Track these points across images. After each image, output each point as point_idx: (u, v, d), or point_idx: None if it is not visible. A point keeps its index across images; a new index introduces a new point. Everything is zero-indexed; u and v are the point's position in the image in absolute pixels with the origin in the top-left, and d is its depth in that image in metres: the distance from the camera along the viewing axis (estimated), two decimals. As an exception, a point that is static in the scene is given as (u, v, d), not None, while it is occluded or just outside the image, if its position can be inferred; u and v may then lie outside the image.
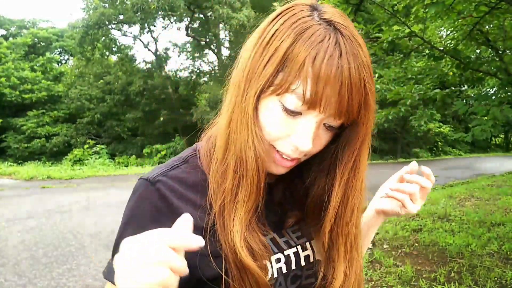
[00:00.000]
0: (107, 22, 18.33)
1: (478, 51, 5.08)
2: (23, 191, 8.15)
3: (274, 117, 0.54)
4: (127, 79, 21.14)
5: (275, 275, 0.60)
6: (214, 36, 20.78)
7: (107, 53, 21.24)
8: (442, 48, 4.45)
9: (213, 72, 22.53)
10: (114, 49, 21.33)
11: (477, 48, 4.83)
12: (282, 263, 0.61)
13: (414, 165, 0.69)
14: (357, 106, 0.52)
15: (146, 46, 21.56)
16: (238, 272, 0.54)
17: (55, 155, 19.97)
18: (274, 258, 0.61)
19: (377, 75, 4.95)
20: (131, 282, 0.37)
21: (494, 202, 6.75)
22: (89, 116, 21.45)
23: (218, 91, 17.38)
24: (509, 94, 3.75)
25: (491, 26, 4.25)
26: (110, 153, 19.27)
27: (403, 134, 20.01)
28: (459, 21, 4.07)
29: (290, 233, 0.65)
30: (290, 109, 0.52)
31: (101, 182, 9.78)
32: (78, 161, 17.07)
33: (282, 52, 0.51)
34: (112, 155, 19.41)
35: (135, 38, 21.29)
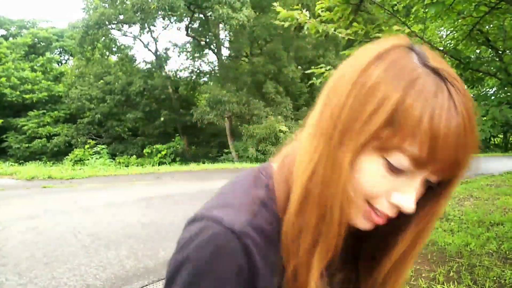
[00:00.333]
0: (107, 22, 18.35)
1: (478, 51, 5.09)
2: (24, 191, 8.15)
3: (375, 174, 0.47)
4: (127, 79, 21.19)
5: None
6: (214, 36, 20.80)
7: (107, 53, 21.29)
8: (442, 48, 4.46)
9: (213, 72, 22.57)
10: (114, 49, 21.36)
11: (477, 48, 4.84)
12: None
13: None
14: (465, 165, 0.48)
15: (146, 46, 21.62)
16: None
17: (56, 155, 20.04)
18: None
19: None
20: None
21: (493, 202, 6.76)
22: (89, 116, 21.50)
23: (218, 91, 17.42)
24: (508, 94, 3.75)
25: (491, 26, 4.26)
26: (110, 153, 19.34)
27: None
28: (459, 21, 4.08)
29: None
30: (397, 167, 0.46)
31: (101, 182, 9.79)
32: (79, 161, 17.11)
33: (391, 104, 0.44)
34: (112, 155, 19.47)
35: (135, 38, 21.36)
